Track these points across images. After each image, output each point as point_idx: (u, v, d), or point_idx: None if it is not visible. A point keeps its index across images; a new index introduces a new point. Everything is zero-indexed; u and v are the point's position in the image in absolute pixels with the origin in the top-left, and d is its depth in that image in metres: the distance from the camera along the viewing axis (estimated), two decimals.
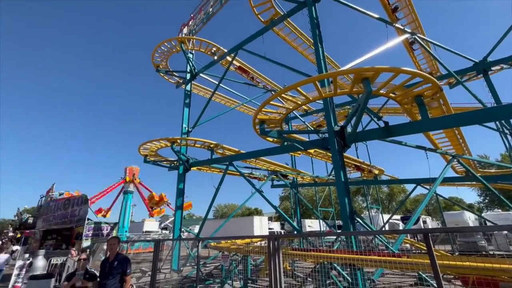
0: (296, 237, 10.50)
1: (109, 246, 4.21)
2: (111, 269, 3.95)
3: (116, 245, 4.19)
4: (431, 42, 11.36)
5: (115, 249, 4.16)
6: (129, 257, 4.35)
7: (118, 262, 4.01)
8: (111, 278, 3.88)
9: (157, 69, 15.53)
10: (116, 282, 3.89)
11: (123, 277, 3.92)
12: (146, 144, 11.26)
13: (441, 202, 24.68)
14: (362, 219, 6.39)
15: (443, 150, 9.56)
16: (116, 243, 4.21)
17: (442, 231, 3.02)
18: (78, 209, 13.60)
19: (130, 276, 3.96)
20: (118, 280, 3.90)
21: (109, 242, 4.21)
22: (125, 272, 3.93)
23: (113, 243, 4.18)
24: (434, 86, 5.40)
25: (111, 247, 4.16)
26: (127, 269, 3.97)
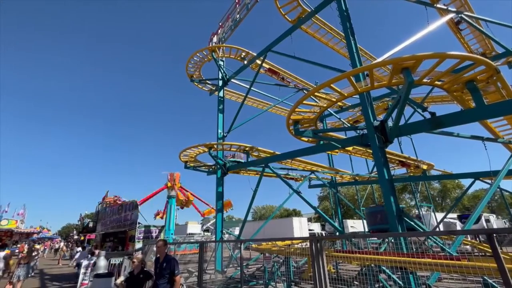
0: (339, 239, 10.12)
1: (157, 248, 4.49)
2: (161, 270, 4.22)
3: (163, 247, 4.44)
4: (482, 18, 10.13)
5: (162, 251, 4.41)
6: (176, 258, 4.62)
7: (166, 263, 4.25)
8: (161, 278, 4.14)
9: (191, 79, 16.32)
10: (166, 282, 4.13)
11: (172, 277, 4.13)
12: (186, 151, 11.90)
13: (507, 198, 21.70)
14: (411, 219, 5.93)
15: (506, 139, 8.42)
16: (162, 245, 4.46)
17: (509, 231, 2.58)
18: (130, 213, 14.85)
19: (179, 276, 4.20)
20: (168, 280, 4.12)
21: (157, 245, 4.51)
22: (173, 272, 4.14)
23: (160, 245, 4.44)
24: (489, 69, 4.82)
25: (159, 249, 4.43)
26: (175, 269, 4.17)
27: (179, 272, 4.23)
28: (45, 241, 37.62)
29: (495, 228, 3.89)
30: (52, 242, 39.18)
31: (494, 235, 2.47)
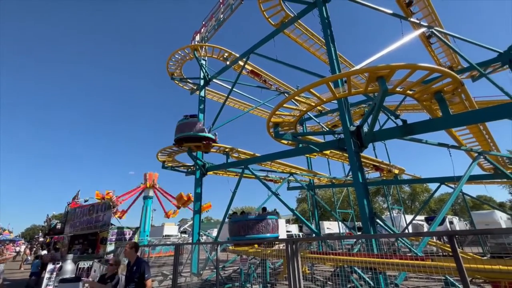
0: (314, 240, 10.35)
1: (125, 252, 4.25)
2: (131, 274, 4.01)
3: (131, 250, 4.21)
4: (450, 34, 10.88)
5: (132, 254, 4.19)
6: (147, 261, 4.41)
7: (136, 266, 4.04)
8: (131, 283, 3.93)
9: (172, 76, 15.95)
10: (135, 286, 3.91)
11: (143, 281, 3.93)
12: (164, 150, 11.58)
13: (468, 202, 23.43)
14: (383, 221, 6.21)
15: (468, 147, 9.10)
16: (130, 248, 4.23)
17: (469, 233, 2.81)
18: (102, 214, 14.17)
19: (150, 280, 4.00)
20: (138, 284, 3.91)
21: (125, 248, 4.27)
22: (143, 276, 3.94)
23: (127, 249, 4.22)
24: (454, 81, 5.18)
25: (127, 252, 4.20)
26: (146, 273, 3.96)
27: (150, 275, 3.99)
28: (6, 244, 34.85)
29: (456, 230, 4.17)
30: (15, 244, 36.43)
31: (455, 236, 2.65)
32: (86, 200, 23.15)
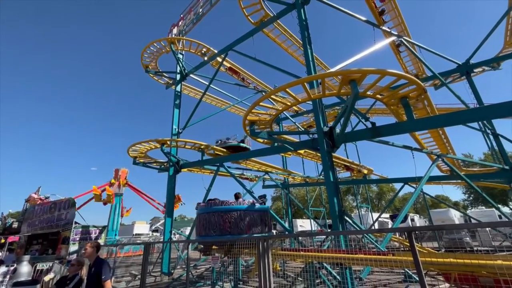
0: (286, 238, 10.57)
1: (84, 252, 3.97)
2: (89, 275, 3.79)
3: (90, 249, 3.96)
4: (417, 44, 11.66)
5: (90, 254, 3.94)
6: (108, 261, 4.20)
7: (95, 267, 3.81)
8: (90, 285, 3.71)
9: (146, 69, 15.32)
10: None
11: (101, 282, 3.69)
12: (135, 146, 11.11)
13: (428, 201, 25.37)
14: (351, 218, 6.50)
15: (429, 150, 9.83)
16: (89, 247, 3.98)
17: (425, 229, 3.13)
18: (65, 212, 13.24)
19: (108, 281, 3.71)
20: (96, 286, 3.67)
21: (85, 247, 4.01)
22: (100, 277, 3.69)
23: (88, 248, 3.97)
24: (419, 88, 5.56)
25: (86, 252, 3.94)
26: (103, 274, 3.71)
27: (109, 276, 3.73)
28: None
29: (414, 226, 4.53)
30: None
31: (414, 232, 2.86)
32: (46, 197, 21.48)
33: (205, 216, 6.15)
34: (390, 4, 10.89)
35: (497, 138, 11.10)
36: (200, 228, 6.17)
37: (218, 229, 5.74)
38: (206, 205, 6.39)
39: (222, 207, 6.00)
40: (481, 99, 11.88)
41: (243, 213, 5.85)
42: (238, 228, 5.70)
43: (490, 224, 2.70)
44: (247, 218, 5.82)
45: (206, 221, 6.04)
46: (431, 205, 34.98)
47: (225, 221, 5.76)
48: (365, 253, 4.20)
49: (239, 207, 5.98)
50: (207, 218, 6.03)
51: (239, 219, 5.76)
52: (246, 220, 5.78)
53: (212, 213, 5.99)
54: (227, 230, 5.67)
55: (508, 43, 12.12)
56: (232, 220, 5.74)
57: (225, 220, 5.78)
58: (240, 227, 5.71)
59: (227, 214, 5.82)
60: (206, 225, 6.00)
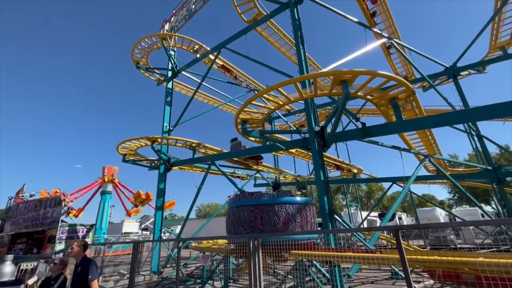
0: (276, 236, 10.59)
1: (70, 251, 3.88)
2: (75, 275, 3.70)
3: (77, 248, 3.86)
4: (406, 47, 11.90)
5: (76, 253, 3.85)
6: (95, 260, 4.12)
7: (81, 267, 3.72)
8: (76, 285, 3.62)
9: (137, 65, 15.07)
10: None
11: (87, 282, 3.59)
12: (125, 143, 10.92)
13: (415, 200, 26.02)
14: (341, 217, 6.60)
15: (416, 150, 10.07)
16: (76, 246, 3.88)
17: (411, 227, 3.20)
18: (51, 211, 12.90)
19: (95, 280, 3.63)
20: (82, 286, 3.59)
21: (71, 246, 3.91)
22: (87, 277, 3.60)
23: (75, 246, 3.87)
24: (408, 90, 5.68)
25: (72, 251, 3.83)
26: (90, 274, 3.62)
27: (96, 276, 3.65)
28: None
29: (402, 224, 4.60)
30: None
31: (401, 230, 2.93)
32: (32, 195, 20.87)
33: (234, 211, 5.30)
34: (382, 6, 11.06)
35: (481, 140, 11.48)
36: (230, 225, 5.32)
37: (248, 226, 4.79)
38: (235, 197, 5.53)
39: (252, 200, 5.02)
40: (467, 101, 12.26)
41: (277, 206, 4.83)
42: (272, 225, 4.73)
43: (474, 223, 2.81)
44: (282, 213, 4.81)
45: (235, 216, 5.18)
46: (418, 204, 35.87)
47: (256, 216, 4.80)
48: (354, 251, 4.28)
49: (273, 199, 4.97)
50: (236, 213, 5.15)
51: (273, 214, 4.76)
52: (281, 215, 4.78)
53: (241, 207, 5.07)
54: (258, 227, 4.71)
55: (493, 48, 12.52)
56: (264, 216, 4.75)
57: (255, 216, 4.80)
58: (273, 223, 4.73)
59: (258, 208, 4.84)
60: (235, 222, 5.12)
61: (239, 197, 5.38)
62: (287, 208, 4.95)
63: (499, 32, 11.97)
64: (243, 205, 5.16)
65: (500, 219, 2.50)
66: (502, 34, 12.04)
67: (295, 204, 5.06)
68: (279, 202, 4.98)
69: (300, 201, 5.24)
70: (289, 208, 4.97)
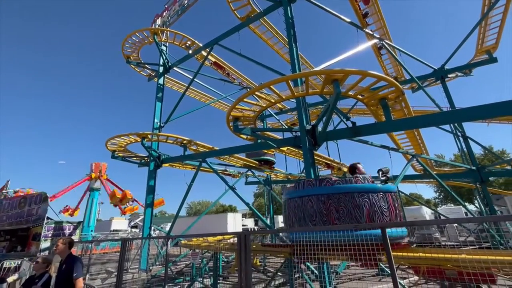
0: (266, 234, 10.69)
1: (56, 248, 3.81)
2: (60, 273, 3.62)
3: (62, 245, 3.78)
4: (397, 48, 12.10)
5: (61, 250, 3.77)
6: (80, 258, 4.04)
7: (66, 265, 3.65)
8: (60, 284, 3.54)
9: (128, 60, 14.77)
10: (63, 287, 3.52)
11: (72, 280, 3.51)
12: (114, 139, 10.71)
13: (402, 198, 26.63)
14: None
15: (404, 150, 10.27)
16: (61, 243, 3.80)
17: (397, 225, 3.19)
18: (36, 207, 12.55)
19: (80, 279, 3.55)
20: (67, 285, 3.51)
21: (57, 244, 3.84)
22: (71, 275, 3.52)
23: (60, 244, 3.79)
24: (397, 90, 5.78)
25: (57, 249, 3.76)
26: (75, 271, 3.54)
27: (81, 274, 3.57)
28: None
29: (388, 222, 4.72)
30: None
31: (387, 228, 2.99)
32: (15, 191, 20.25)
33: (296, 202, 4.34)
34: (374, 7, 11.18)
35: (466, 140, 11.83)
36: (291, 219, 4.41)
37: (320, 220, 3.95)
38: (296, 186, 4.55)
39: (323, 189, 4.10)
40: (453, 103, 12.58)
41: (358, 196, 3.93)
42: (352, 219, 3.80)
43: (457, 220, 2.88)
44: (365, 204, 3.88)
45: (299, 209, 4.26)
46: (405, 203, 36.73)
47: (330, 208, 3.92)
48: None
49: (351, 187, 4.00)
50: (301, 205, 4.24)
51: (353, 206, 3.86)
52: (364, 206, 3.87)
53: (308, 197, 4.17)
54: (334, 222, 3.85)
55: (479, 51, 12.88)
56: (342, 208, 3.88)
57: (329, 208, 3.91)
58: (355, 217, 3.82)
59: (332, 198, 3.96)
60: (299, 215, 4.21)
61: (303, 185, 4.35)
62: (371, 197, 3.91)
63: (485, 36, 12.31)
64: (311, 195, 4.15)
65: (482, 217, 2.58)
66: (488, 38, 12.39)
67: (381, 192, 4.02)
68: (360, 190, 3.95)
69: (387, 188, 4.14)
70: (373, 198, 3.93)
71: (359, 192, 3.93)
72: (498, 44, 12.29)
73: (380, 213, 3.90)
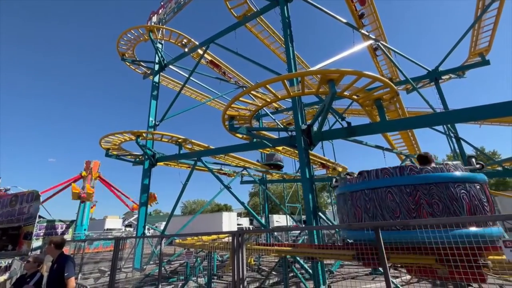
0: (260, 233, 10.68)
1: (46, 248, 3.78)
2: (51, 273, 3.56)
3: (50, 246, 3.74)
4: (392, 49, 12.20)
5: (52, 251, 3.73)
6: (72, 257, 3.99)
7: (57, 264, 3.60)
8: (51, 284, 3.49)
9: (123, 57, 14.62)
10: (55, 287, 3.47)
11: (63, 280, 3.46)
12: (108, 137, 10.60)
13: None
14: (324, 214, 6.73)
15: (398, 150, 10.40)
16: (49, 243, 3.76)
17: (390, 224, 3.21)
18: (28, 206, 12.36)
19: (72, 278, 3.50)
20: (58, 285, 3.46)
21: (47, 244, 3.80)
22: (62, 275, 3.46)
23: (48, 244, 3.75)
24: (392, 91, 5.83)
25: (47, 249, 3.73)
26: (66, 271, 3.49)
27: (72, 273, 3.51)
28: None
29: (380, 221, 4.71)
30: None
31: (379, 227, 3.01)
32: (7, 189, 19.89)
33: (366, 195, 3.68)
34: (370, 8, 11.25)
35: (459, 141, 11.99)
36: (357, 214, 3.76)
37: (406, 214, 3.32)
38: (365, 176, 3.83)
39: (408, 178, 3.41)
40: (447, 104, 12.74)
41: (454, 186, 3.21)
42: (450, 214, 3.14)
43: (449, 220, 2.89)
44: (463, 196, 3.18)
45: (371, 202, 3.61)
46: None
47: (419, 201, 3.26)
48: (335, 248, 4.38)
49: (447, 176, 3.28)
50: (375, 198, 3.57)
51: (450, 198, 3.17)
52: (463, 199, 3.16)
53: (387, 188, 3.49)
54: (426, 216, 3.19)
55: (473, 54, 13.07)
56: (435, 201, 3.21)
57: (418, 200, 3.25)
58: (454, 211, 3.15)
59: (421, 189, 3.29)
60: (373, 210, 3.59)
61: (376, 175, 3.69)
62: (470, 188, 3.23)
63: (478, 39, 12.49)
64: (390, 186, 3.50)
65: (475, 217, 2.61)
66: (481, 41, 12.57)
67: (478, 183, 3.35)
68: (457, 180, 3.27)
69: (483, 178, 3.45)
70: (472, 189, 3.26)
71: (455, 182, 3.24)
72: (491, 47, 12.48)
73: (482, 207, 3.20)
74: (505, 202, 19.07)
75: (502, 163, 12.56)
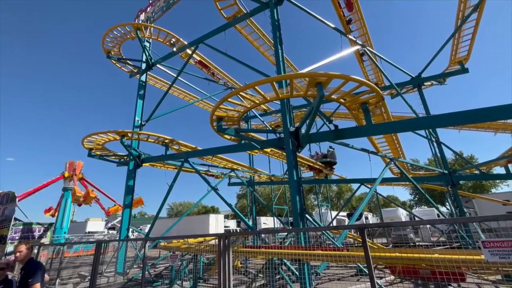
0: (247, 235, 10.64)
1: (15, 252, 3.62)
2: (20, 279, 3.43)
3: (24, 251, 3.61)
4: (378, 55, 12.54)
5: (22, 256, 3.59)
6: (40, 262, 3.81)
7: (24, 270, 3.46)
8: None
9: (108, 55, 14.21)
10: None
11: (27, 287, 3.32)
12: (92, 137, 10.24)
13: (380, 200, 27.58)
14: (311, 216, 6.77)
15: (383, 153, 10.66)
16: (22, 248, 3.63)
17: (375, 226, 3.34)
18: (2, 208, 11.73)
19: (36, 284, 3.34)
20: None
21: (15, 249, 3.63)
22: (27, 282, 3.32)
23: (18, 250, 3.61)
24: (377, 95, 5.98)
25: (16, 254, 3.58)
26: (30, 277, 3.35)
27: (36, 280, 3.35)
28: None
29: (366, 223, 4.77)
30: None
31: (367, 229, 3.06)
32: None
33: None
34: (357, 14, 11.52)
35: (439, 146, 12.46)
36: None
37: None
38: None
39: None
40: (428, 109, 13.23)
41: None
42: None
43: (430, 222, 3.00)
44: None
45: None
46: (383, 205, 38.11)
47: None
48: (323, 249, 4.41)
49: None
50: None
51: None
52: None
53: None
54: None
55: (453, 62, 13.65)
56: None
57: None
58: None
59: None
60: None
61: None
62: None
63: (458, 48, 13.07)
64: None
65: (452, 218, 2.72)
66: (460, 50, 13.16)
67: None
68: None
69: None
70: None
71: None
72: (470, 56, 13.08)
73: None
74: (481, 204, 19.96)
75: (479, 167, 13.14)
